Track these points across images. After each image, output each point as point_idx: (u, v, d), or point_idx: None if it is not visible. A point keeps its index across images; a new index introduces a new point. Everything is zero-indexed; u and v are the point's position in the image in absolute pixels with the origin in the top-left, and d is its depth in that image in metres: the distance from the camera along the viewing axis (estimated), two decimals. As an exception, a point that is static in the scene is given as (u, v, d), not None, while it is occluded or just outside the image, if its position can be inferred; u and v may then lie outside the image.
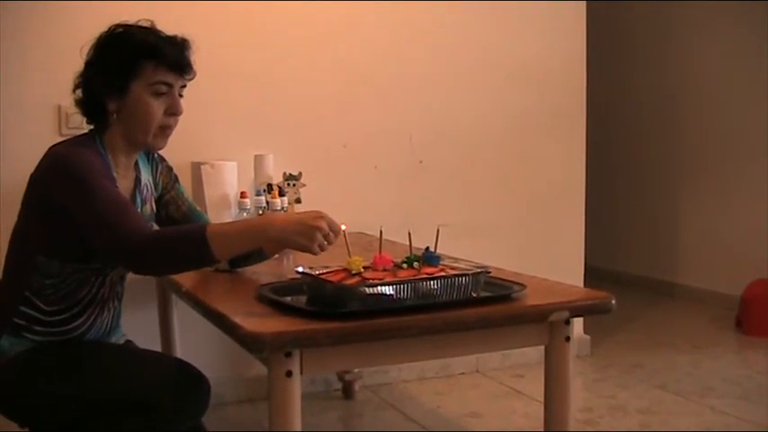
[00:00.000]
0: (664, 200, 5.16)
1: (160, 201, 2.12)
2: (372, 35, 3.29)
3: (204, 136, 2.96)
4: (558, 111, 3.62)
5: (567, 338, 1.82)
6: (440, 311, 1.68)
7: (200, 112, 2.62)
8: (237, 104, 3.08)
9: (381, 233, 1.82)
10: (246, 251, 1.87)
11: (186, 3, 2.91)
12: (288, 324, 1.60)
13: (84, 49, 1.90)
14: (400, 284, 1.67)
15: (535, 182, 3.61)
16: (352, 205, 3.09)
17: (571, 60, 3.62)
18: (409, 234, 1.84)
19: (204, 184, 2.81)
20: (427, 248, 1.80)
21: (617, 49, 5.33)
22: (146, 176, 2.04)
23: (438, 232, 1.81)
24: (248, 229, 1.78)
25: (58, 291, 1.86)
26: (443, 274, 1.74)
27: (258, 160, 2.99)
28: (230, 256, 1.85)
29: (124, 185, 1.92)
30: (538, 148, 3.60)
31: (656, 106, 5.17)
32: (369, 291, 1.65)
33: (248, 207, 2.73)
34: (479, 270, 1.78)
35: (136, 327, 2.26)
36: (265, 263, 2.16)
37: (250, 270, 2.18)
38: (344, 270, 1.72)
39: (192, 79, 1.95)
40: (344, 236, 1.77)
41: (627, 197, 5.44)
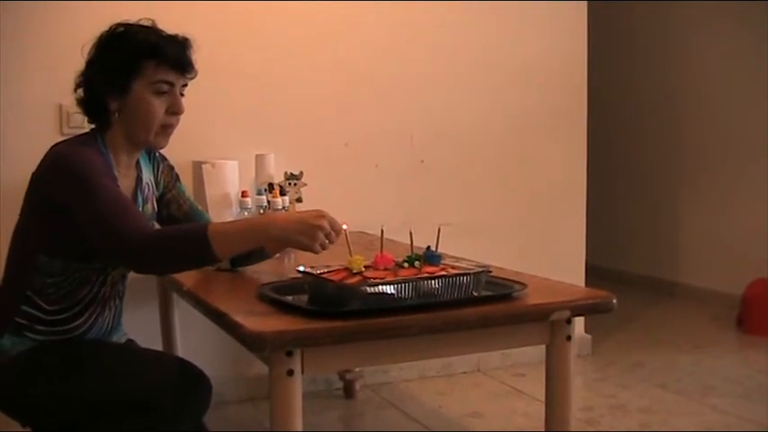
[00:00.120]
0: (664, 199, 5.16)
1: (161, 200, 2.12)
2: (373, 35, 3.29)
3: (205, 135, 2.96)
4: (559, 110, 3.62)
5: (569, 338, 1.81)
6: (441, 311, 1.68)
7: (202, 111, 2.62)
8: (238, 104, 3.08)
9: (382, 232, 1.82)
10: (248, 250, 1.87)
11: (187, 3, 2.91)
12: (289, 323, 1.60)
13: (86, 49, 1.90)
14: (401, 284, 1.67)
15: (536, 181, 3.61)
16: (354, 204, 3.09)
17: (572, 60, 3.62)
18: (410, 233, 1.84)
19: (205, 183, 2.81)
20: (428, 248, 1.80)
21: (617, 49, 5.33)
22: (147, 175, 2.04)
23: (439, 231, 1.81)
24: (249, 228, 1.78)
25: (59, 290, 1.86)
26: (444, 273, 1.74)
27: (259, 159, 3.00)
28: (232, 255, 1.85)
29: (126, 184, 1.93)
30: (539, 147, 3.60)
31: (657, 106, 5.17)
32: (370, 290, 1.65)
33: (249, 206, 2.73)
34: (480, 269, 1.78)
35: (137, 326, 2.26)
36: (266, 262, 2.16)
37: (251, 269, 2.18)
38: (346, 269, 1.72)
39: (194, 78, 1.96)
40: (346, 235, 1.77)
41: (628, 196, 5.44)
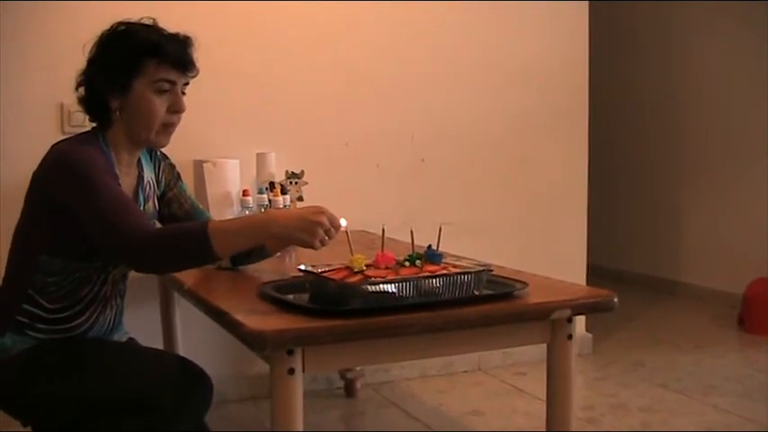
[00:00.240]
0: (665, 198, 5.16)
1: (162, 198, 2.12)
2: (374, 35, 3.28)
3: (206, 134, 2.96)
4: (560, 110, 3.62)
5: (570, 336, 1.81)
6: (442, 309, 1.68)
7: (203, 110, 2.62)
8: (240, 102, 3.08)
9: (383, 231, 1.82)
10: (248, 248, 1.87)
11: (188, 2, 2.90)
12: (290, 322, 1.60)
13: (87, 47, 1.90)
14: (402, 282, 1.68)
15: (537, 181, 3.61)
16: (355, 203, 3.09)
17: (573, 60, 3.62)
18: (411, 232, 1.84)
19: (206, 182, 2.80)
20: (429, 246, 1.80)
21: (619, 49, 5.32)
22: (148, 174, 2.04)
23: (440, 230, 1.81)
24: (250, 225, 1.78)
25: (60, 289, 1.86)
26: (445, 272, 1.74)
27: (260, 158, 3.00)
28: (232, 252, 1.84)
29: (127, 183, 1.93)
30: (540, 147, 3.60)
31: (658, 106, 5.17)
32: (371, 289, 1.65)
33: (250, 205, 2.74)
34: (481, 268, 1.78)
35: (138, 324, 2.26)
36: (267, 261, 2.16)
37: (252, 268, 2.18)
38: (347, 268, 1.72)
39: (195, 77, 1.95)
40: (347, 235, 1.77)
41: (629, 196, 5.44)
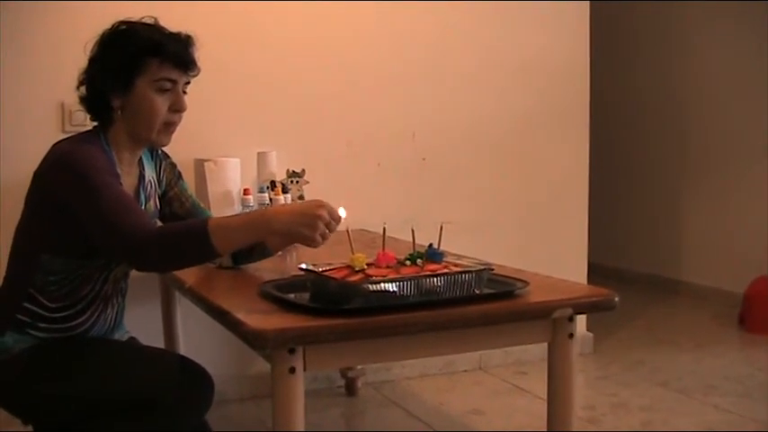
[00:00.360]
0: (666, 197, 5.15)
1: (163, 197, 2.12)
2: (375, 34, 3.28)
3: (207, 133, 2.96)
4: (562, 109, 3.62)
5: (571, 335, 1.81)
6: (443, 308, 1.68)
7: (204, 109, 2.62)
8: (241, 102, 3.08)
9: (384, 230, 1.82)
10: (249, 244, 1.85)
11: (188, 2, 2.90)
12: (291, 321, 1.60)
13: (88, 47, 1.90)
14: (403, 281, 1.67)
15: (538, 180, 3.60)
16: (356, 202, 3.07)
17: (574, 60, 3.62)
18: (412, 231, 1.84)
19: (207, 181, 2.80)
20: (430, 245, 1.80)
21: (619, 49, 5.32)
22: (149, 173, 2.05)
23: (441, 229, 1.81)
24: (250, 221, 1.77)
25: (61, 288, 1.86)
26: (447, 271, 1.74)
27: (261, 157, 2.99)
28: (233, 249, 1.83)
29: (128, 182, 1.93)
30: (541, 146, 3.60)
31: (659, 105, 5.16)
32: (372, 288, 1.65)
33: (251, 204, 2.74)
34: (482, 267, 1.78)
35: (139, 323, 2.26)
36: (268, 259, 2.16)
37: (253, 267, 2.18)
38: (348, 267, 1.72)
39: (196, 76, 1.95)
40: (348, 234, 1.77)
41: (630, 195, 5.44)
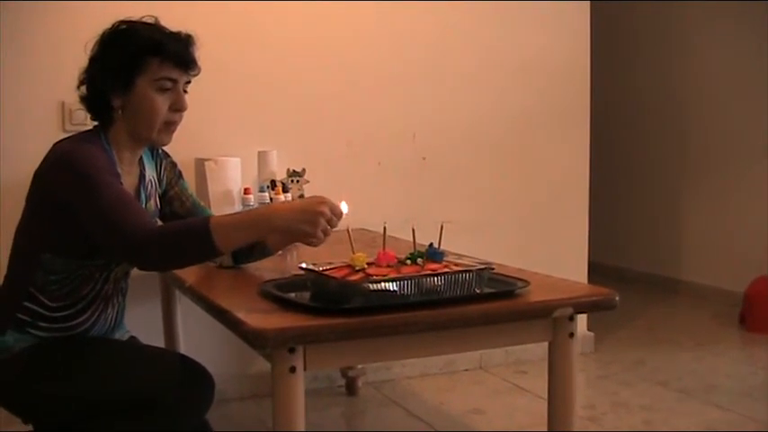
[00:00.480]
0: (667, 197, 5.15)
1: (164, 197, 2.12)
2: (376, 33, 3.28)
3: (208, 132, 2.96)
4: (562, 109, 3.62)
5: (571, 335, 1.81)
6: (443, 308, 1.68)
7: (204, 108, 2.61)
8: (241, 101, 3.08)
9: (385, 229, 1.82)
10: (251, 241, 1.85)
11: (189, 1, 2.90)
12: (291, 320, 1.60)
13: (89, 46, 1.90)
14: (404, 281, 1.67)
15: (539, 179, 3.60)
16: (356, 202, 3.04)
17: (574, 59, 3.62)
18: (413, 230, 1.83)
19: (208, 180, 2.80)
20: (431, 245, 1.80)
21: (620, 49, 5.32)
22: (150, 172, 2.04)
23: (442, 229, 1.81)
24: (251, 219, 1.77)
25: (62, 287, 1.86)
26: (447, 270, 1.74)
27: (262, 156, 2.99)
28: (235, 247, 1.81)
29: (129, 182, 1.93)
30: (541, 145, 3.60)
31: (660, 104, 5.16)
32: (372, 287, 1.65)
33: (252, 203, 2.74)
34: (483, 266, 1.78)
35: (139, 323, 2.26)
36: (269, 259, 2.16)
37: (253, 266, 2.18)
38: (348, 266, 1.72)
39: (197, 75, 1.95)
40: (348, 233, 1.77)
41: (630, 194, 5.44)
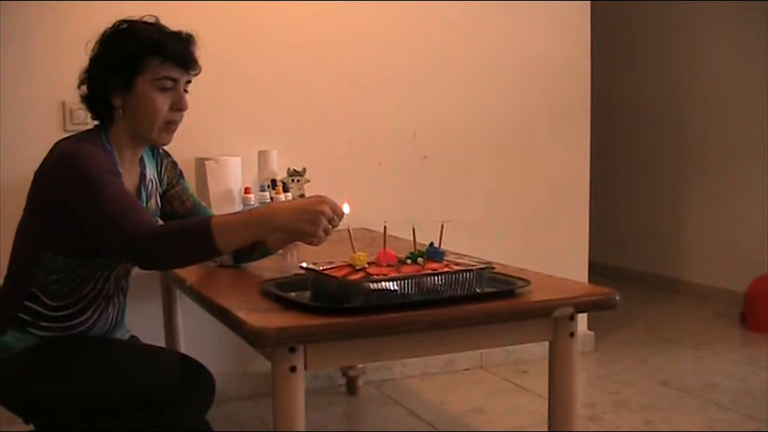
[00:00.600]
0: (667, 196, 5.15)
1: (165, 196, 2.12)
2: (376, 33, 3.28)
3: (208, 132, 2.96)
4: (562, 108, 3.61)
5: (572, 334, 1.81)
6: (444, 307, 1.68)
7: (205, 107, 2.61)
8: (242, 100, 3.08)
9: (385, 229, 1.82)
10: (252, 241, 1.83)
11: (189, 1, 2.89)
12: (292, 319, 1.60)
13: (89, 46, 1.90)
14: (404, 280, 1.67)
15: (539, 178, 3.60)
16: (356, 201, 3.06)
17: (575, 59, 3.61)
18: (413, 230, 1.83)
19: (208, 179, 2.80)
20: (431, 244, 1.79)
21: (620, 49, 5.31)
22: (151, 172, 2.05)
23: (442, 228, 1.81)
24: (252, 218, 1.76)
25: (63, 286, 1.86)
26: (447, 269, 1.73)
27: (262, 156, 2.99)
28: (236, 247, 1.79)
29: (129, 181, 1.92)
30: (542, 145, 3.60)
31: (660, 104, 5.16)
32: (373, 286, 1.64)
33: (252, 203, 2.74)
34: (483, 266, 1.78)
35: (140, 322, 2.26)
36: (269, 258, 2.15)
37: (254, 265, 2.18)
38: (348, 265, 1.72)
39: (197, 75, 1.96)
40: (349, 232, 1.77)
41: (631, 194, 5.43)
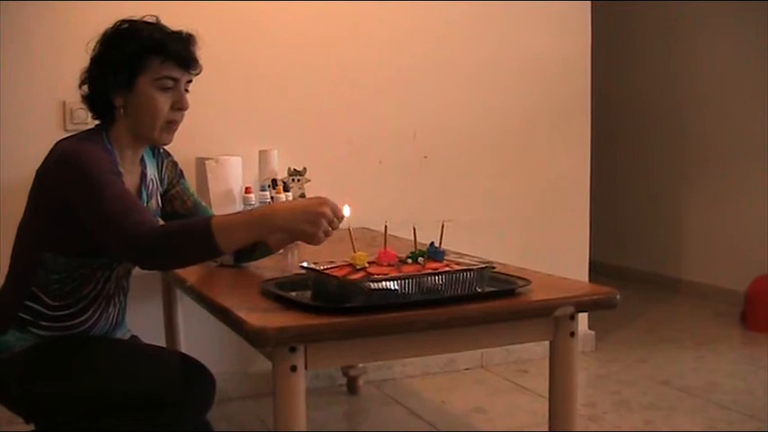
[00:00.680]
0: (668, 195, 5.15)
1: (165, 196, 2.12)
2: (377, 32, 3.28)
3: (209, 131, 2.96)
4: (563, 108, 3.61)
5: (572, 334, 1.81)
6: (444, 307, 1.68)
7: (205, 107, 2.61)
8: (242, 100, 3.08)
9: (386, 228, 1.82)
10: (252, 241, 1.83)
11: (190, 1, 2.89)
12: (292, 319, 1.60)
13: (90, 45, 1.90)
14: (405, 280, 1.67)
15: (540, 178, 3.60)
16: (357, 201, 3.05)
17: (575, 58, 3.61)
18: (414, 229, 1.83)
19: (209, 179, 2.80)
20: (432, 244, 1.80)
21: (621, 49, 5.31)
22: (151, 171, 2.05)
23: (443, 227, 1.81)
24: (253, 218, 1.76)
25: (63, 286, 1.86)
26: (448, 269, 1.73)
27: (263, 155, 2.99)
28: (237, 247, 1.79)
29: (130, 180, 1.92)
30: (543, 144, 3.60)
31: (661, 103, 5.16)
32: (373, 286, 1.64)
33: (253, 202, 2.74)
34: (484, 265, 1.78)
35: (140, 322, 2.26)
36: (270, 258, 2.15)
37: (254, 265, 2.18)
38: (349, 265, 1.72)
39: (198, 74, 1.96)
40: (349, 232, 1.77)
41: (631, 193, 5.43)
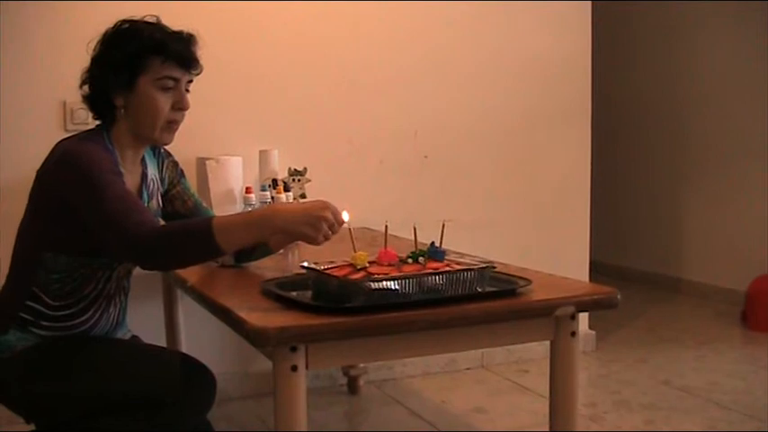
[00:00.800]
0: (668, 195, 5.15)
1: (166, 196, 2.12)
2: (377, 32, 3.28)
3: (209, 131, 2.96)
4: (563, 108, 3.61)
5: (573, 333, 1.81)
6: (445, 306, 1.68)
7: (206, 107, 2.61)
8: (243, 100, 3.08)
9: (386, 228, 1.82)
10: (253, 242, 1.83)
11: (191, 1, 2.90)
12: (293, 319, 1.60)
13: (91, 45, 1.90)
14: (405, 279, 1.67)
15: (540, 178, 3.60)
16: (357, 200, 3.08)
17: (576, 58, 3.61)
18: (414, 229, 1.83)
19: (209, 179, 2.80)
20: (432, 243, 1.80)
21: (621, 48, 5.31)
22: (152, 171, 2.05)
23: (443, 227, 1.81)
24: (254, 219, 1.76)
25: (64, 286, 1.86)
26: (448, 269, 1.73)
27: (263, 155, 2.99)
28: (237, 247, 1.79)
29: (131, 181, 1.93)
30: (543, 143, 3.60)
31: (661, 103, 5.16)
32: (374, 286, 1.65)
33: (253, 202, 2.74)
34: (484, 265, 1.78)
35: (141, 322, 2.26)
36: (270, 258, 2.16)
37: (255, 265, 2.18)
38: (349, 265, 1.72)
39: (199, 74, 1.96)
40: (350, 232, 1.77)
41: (631, 193, 5.43)
